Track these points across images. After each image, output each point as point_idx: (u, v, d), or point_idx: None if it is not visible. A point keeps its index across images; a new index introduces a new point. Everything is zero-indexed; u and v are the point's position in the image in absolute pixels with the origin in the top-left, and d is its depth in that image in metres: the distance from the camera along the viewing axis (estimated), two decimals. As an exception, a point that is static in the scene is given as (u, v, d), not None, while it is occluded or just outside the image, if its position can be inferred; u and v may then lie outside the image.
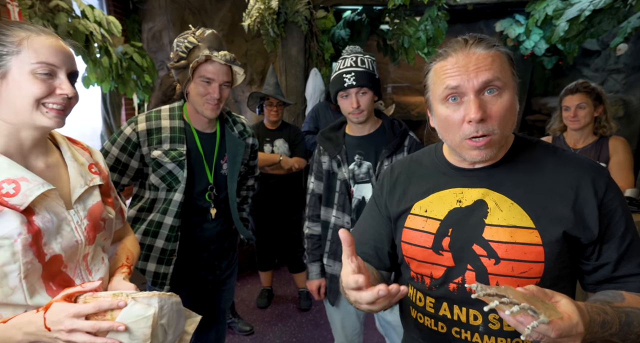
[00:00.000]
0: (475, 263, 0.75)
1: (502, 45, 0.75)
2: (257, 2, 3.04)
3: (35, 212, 0.74)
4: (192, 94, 1.33)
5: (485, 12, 3.97)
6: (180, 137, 1.34)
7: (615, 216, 0.71)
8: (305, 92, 3.40)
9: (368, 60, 1.40)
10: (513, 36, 3.81)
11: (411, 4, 3.13)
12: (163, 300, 0.74)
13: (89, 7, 2.82)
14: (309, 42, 3.40)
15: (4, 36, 0.73)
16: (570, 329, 0.56)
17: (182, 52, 1.29)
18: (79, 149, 0.92)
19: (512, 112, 0.73)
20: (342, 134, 1.49)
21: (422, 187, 0.85)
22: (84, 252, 0.82)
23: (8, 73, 0.73)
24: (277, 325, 2.57)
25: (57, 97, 0.76)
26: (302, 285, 2.80)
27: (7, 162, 0.73)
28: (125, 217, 1.06)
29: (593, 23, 2.30)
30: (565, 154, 0.77)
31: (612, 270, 0.73)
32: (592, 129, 1.98)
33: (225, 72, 1.32)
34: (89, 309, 0.69)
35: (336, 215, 1.47)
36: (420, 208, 0.83)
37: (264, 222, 2.65)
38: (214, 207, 1.43)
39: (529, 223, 0.72)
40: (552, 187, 0.73)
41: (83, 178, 0.84)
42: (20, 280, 0.71)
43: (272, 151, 2.53)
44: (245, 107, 4.60)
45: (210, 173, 1.41)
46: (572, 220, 0.70)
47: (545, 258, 0.71)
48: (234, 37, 4.32)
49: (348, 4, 3.53)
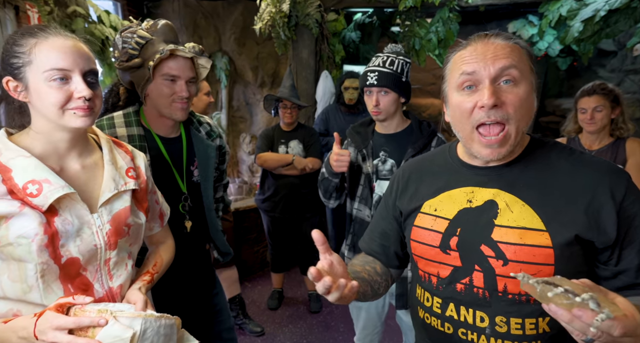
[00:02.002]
0: (483, 264, 0.74)
1: (523, 41, 0.75)
2: (268, 5, 3.07)
3: (58, 214, 0.75)
4: (154, 96, 1.15)
5: (498, 13, 3.94)
6: (141, 146, 1.16)
7: (635, 220, 0.68)
8: (315, 95, 3.41)
9: (400, 61, 1.42)
10: (526, 37, 3.77)
11: (422, 5, 3.12)
12: (148, 322, 0.72)
13: (105, 13, 2.89)
14: (320, 44, 3.42)
15: (17, 47, 0.74)
16: (635, 328, 0.52)
17: (132, 49, 1.11)
18: (122, 152, 0.92)
19: (529, 105, 0.72)
20: (371, 130, 1.54)
21: (433, 185, 0.84)
22: (105, 256, 0.82)
23: (28, 84, 0.74)
24: (288, 327, 2.57)
25: (77, 101, 0.76)
26: (313, 288, 2.80)
27: (35, 164, 0.75)
28: (165, 221, 1.04)
29: (609, 23, 2.26)
30: (582, 156, 0.75)
31: (634, 276, 0.69)
32: (608, 131, 1.94)
33: (190, 67, 1.16)
34: (70, 324, 0.69)
35: (358, 208, 1.51)
36: (430, 207, 0.83)
37: (278, 224, 2.64)
38: (189, 219, 1.27)
39: (540, 225, 0.70)
40: (566, 188, 0.71)
41: (115, 182, 0.85)
42: (37, 280, 0.73)
43: (287, 152, 2.55)
44: (257, 109, 4.64)
45: (182, 182, 1.25)
46: (585, 223, 0.69)
47: (556, 261, 0.69)
48: (246, 40, 4.37)
49: (359, 6, 3.53)
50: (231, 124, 4.68)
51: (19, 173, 0.73)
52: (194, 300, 1.36)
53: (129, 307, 0.79)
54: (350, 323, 2.59)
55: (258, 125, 4.64)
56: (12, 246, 0.71)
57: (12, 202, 0.71)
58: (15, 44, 0.74)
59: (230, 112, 4.67)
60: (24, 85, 0.74)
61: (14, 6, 2.27)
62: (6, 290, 0.74)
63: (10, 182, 0.72)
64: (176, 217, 1.24)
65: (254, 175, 4.58)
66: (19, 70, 0.74)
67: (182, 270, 1.28)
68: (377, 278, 0.91)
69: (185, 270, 1.31)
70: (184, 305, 1.31)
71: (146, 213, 0.93)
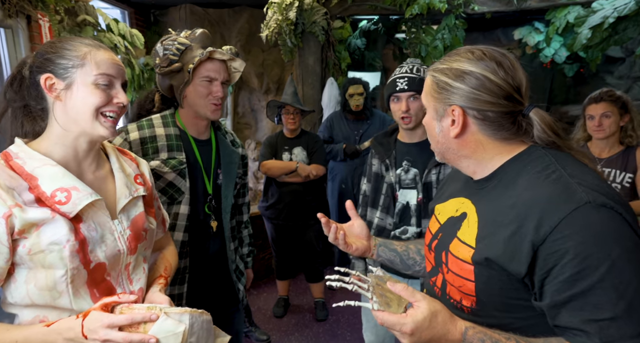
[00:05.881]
0: (441, 268, 0.81)
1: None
2: (275, 13, 3.09)
3: (83, 221, 0.77)
4: (192, 97, 1.24)
5: (504, 20, 3.94)
6: (178, 145, 1.26)
7: (563, 258, 0.60)
8: (321, 101, 3.42)
9: (425, 69, 1.45)
10: (532, 44, 3.76)
11: (428, 12, 3.13)
12: (194, 317, 0.75)
13: (114, 21, 2.92)
14: (326, 51, 3.43)
15: (68, 51, 0.79)
16: (393, 324, 0.66)
17: (173, 54, 1.21)
18: (127, 159, 0.95)
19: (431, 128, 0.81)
20: (394, 139, 1.54)
21: (447, 191, 0.91)
22: (126, 261, 0.84)
23: (73, 84, 0.78)
24: (294, 335, 2.55)
25: (114, 106, 0.81)
26: (318, 295, 2.78)
27: (62, 172, 0.77)
28: (166, 227, 1.08)
29: (617, 30, 2.26)
30: (550, 177, 0.67)
31: (550, 316, 0.64)
32: (618, 139, 1.92)
33: (225, 70, 1.26)
34: (122, 321, 0.70)
35: (380, 217, 1.52)
36: (437, 210, 0.90)
37: (282, 231, 2.64)
38: (215, 219, 1.34)
39: (472, 241, 0.72)
40: (510, 210, 0.68)
41: (128, 189, 0.88)
42: (67, 285, 0.74)
43: (291, 159, 2.54)
44: (262, 116, 4.65)
45: (209, 182, 1.33)
46: (499, 249, 0.66)
47: (476, 279, 0.71)
48: (251, 47, 4.40)
49: (365, 13, 3.55)
50: (236, 130, 4.69)
51: (46, 182, 0.75)
52: (219, 299, 1.42)
53: (165, 303, 0.81)
54: (356, 331, 2.57)
55: (263, 132, 4.66)
56: (44, 253, 0.73)
57: (42, 209, 0.73)
58: (66, 48, 0.79)
59: (235, 118, 4.69)
60: (65, 84, 0.78)
61: (26, 15, 2.30)
62: (34, 298, 0.75)
63: (38, 190, 0.74)
64: (203, 216, 1.31)
65: (259, 182, 4.58)
66: (66, 70, 0.77)
67: (210, 269, 1.35)
68: (414, 255, 1.03)
69: (214, 270, 1.37)
70: (211, 301, 1.35)
71: (155, 217, 0.96)
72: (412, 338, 0.65)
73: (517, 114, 0.73)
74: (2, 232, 0.70)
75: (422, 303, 0.67)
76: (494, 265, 0.67)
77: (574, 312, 0.61)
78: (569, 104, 4.32)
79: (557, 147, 0.73)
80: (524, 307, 0.69)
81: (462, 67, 0.73)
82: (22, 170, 0.74)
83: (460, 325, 0.67)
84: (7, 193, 0.71)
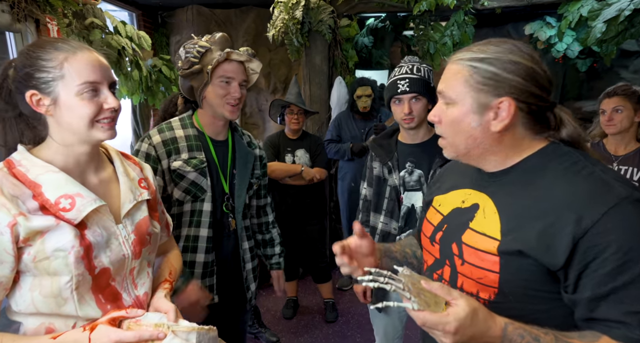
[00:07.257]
0: (450, 260, 0.80)
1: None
2: (281, 12, 3.07)
3: (87, 226, 0.76)
4: (210, 97, 1.29)
5: (514, 15, 3.86)
6: (197, 145, 1.32)
7: (604, 252, 0.62)
8: (329, 101, 3.39)
9: (424, 68, 1.41)
10: (544, 39, 3.68)
11: (436, 9, 3.08)
12: (201, 335, 0.75)
13: (122, 23, 2.93)
14: (333, 50, 3.40)
15: (44, 62, 0.74)
16: (436, 324, 0.62)
17: (194, 57, 1.26)
18: (131, 164, 0.94)
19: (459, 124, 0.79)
20: (394, 141, 1.51)
21: (448, 183, 0.90)
22: (130, 266, 0.84)
23: (58, 98, 0.75)
24: (304, 337, 2.54)
25: (105, 112, 0.78)
26: (328, 296, 2.77)
27: (65, 178, 0.76)
28: (170, 231, 1.07)
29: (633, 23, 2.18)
30: (581, 172, 0.68)
31: (588, 309, 0.65)
32: (634, 135, 1.86)
33: (242, 71, 1.30)
34: (130, 338, 0.70)
35: (384, 221, 1.48)
36: (437, 201, 0.89)
37: (285, 232, 2.63)
38: (233, 217, 1.39)
39: (497, 234, 0.72)
40: (539, 203, 0.69)
41: (132, 193, 0.87)
42: (72, 291, 0.74)
43: (294, 161, 2.53)
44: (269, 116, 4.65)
45: (226, 182, 1.37)
46: (534, 241, 0.67)
47: (501, 270, 0.70)
48: (258, 47, 4.38)
49: (372, 11, 3.51)
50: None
51: (49, 189, 0.74)
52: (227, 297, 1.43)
53: (160, 316, 0.80)
54: (367, 333, 2.54)
55: (270, 131, 4.65)
56: (49, 260, 0.72)
57: (47, 217, 0.72)
58: (41, 59, 0.74)
59: (242, 118, 4.69)
60: (51, 99, 0.74)
61: (35, 19, 2.32)
62: (38, 305, 0.75)
63: (42, 197, 0.73)
64: (220, 215, 1.37)
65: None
66: (47, 84, 0.74)
67: (225, 267, 1.38)
68: (412, 261, 1.00)
69: (228, 268, 1.40)
70: (220, 299, 1.40)
71: (159, 221, 0.95)
72: (455, 337, 0.63)
73: (550, 108, 0.74)
74: (7, 241, 0.69)
75: (461, 301, 0.64)
76: (527, 256, 0.67)
77: (614, 305, 0.63)
78: (582, 99, 4.22)
79: (578, 145, 0.74)
80: (544, 299, 0.70)
81: (509, 57, 0.71)
82: (25, 178, 0.74)
83: (500, 321, 0.65)
84: (11, 202, 0.70)
